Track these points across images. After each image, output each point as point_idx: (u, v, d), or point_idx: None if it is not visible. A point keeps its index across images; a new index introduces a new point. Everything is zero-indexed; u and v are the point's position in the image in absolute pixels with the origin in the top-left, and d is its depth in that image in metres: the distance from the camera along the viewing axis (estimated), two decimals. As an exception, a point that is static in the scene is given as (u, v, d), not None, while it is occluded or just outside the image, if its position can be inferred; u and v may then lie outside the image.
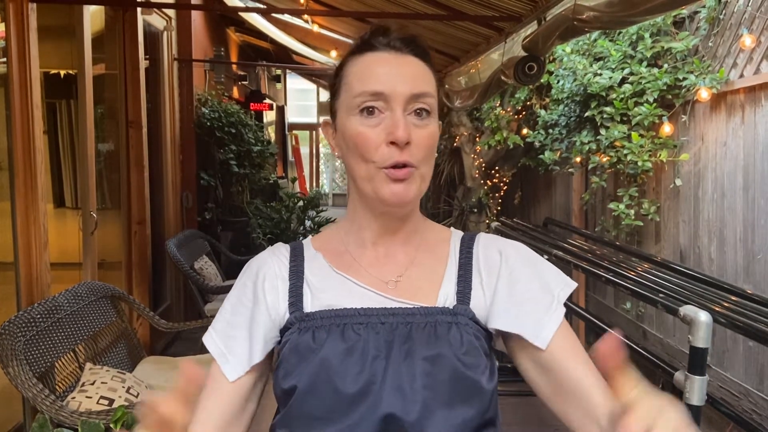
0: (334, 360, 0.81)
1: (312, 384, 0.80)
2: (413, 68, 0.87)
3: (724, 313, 2.11)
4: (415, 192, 0.86)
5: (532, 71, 2.85)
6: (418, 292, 0.87)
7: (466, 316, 0.85)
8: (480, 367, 0.82)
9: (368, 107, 0.84)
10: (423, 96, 0.84)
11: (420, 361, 0.80)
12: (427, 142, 0.85)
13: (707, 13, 3.06)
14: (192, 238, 4.54)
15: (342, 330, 0.83)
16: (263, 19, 6.25)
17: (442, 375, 0.80)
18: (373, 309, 0.85)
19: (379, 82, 0.84)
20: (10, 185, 2.50)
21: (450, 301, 0.86)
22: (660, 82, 3.25)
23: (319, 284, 0.89)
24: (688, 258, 3.26)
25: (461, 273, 0.89)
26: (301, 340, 0.84)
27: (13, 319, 2.14)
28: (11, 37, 2.43)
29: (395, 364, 0.80)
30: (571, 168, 4.22)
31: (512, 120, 5.24)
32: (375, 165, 0.84)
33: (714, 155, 3.04)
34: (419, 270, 0.90)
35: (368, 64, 0.87)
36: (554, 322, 0.84)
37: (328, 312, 0.85)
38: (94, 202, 3.27)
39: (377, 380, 0.79)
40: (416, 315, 0.84)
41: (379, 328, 0.83)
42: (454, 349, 0.81)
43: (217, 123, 5.21)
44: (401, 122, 0.82)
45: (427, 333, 0.83)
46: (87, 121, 3.23)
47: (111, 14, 3.82)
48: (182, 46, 4.97)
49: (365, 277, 0.89)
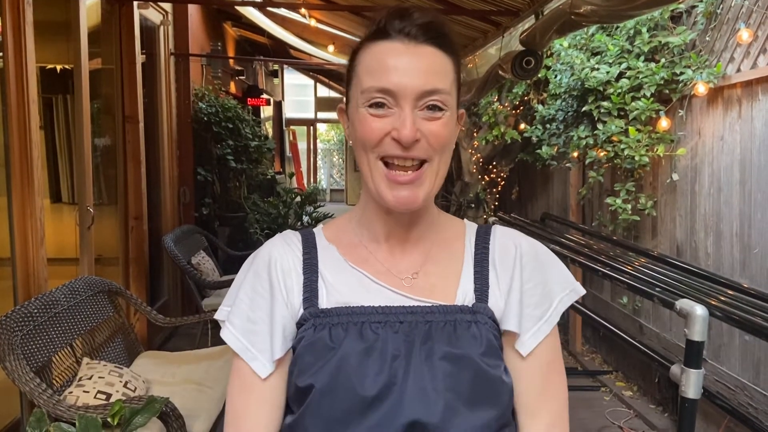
0: (353, 360, 0.78)
1: (330, 384, 0.78)
2: (427, 61, 0.81)
3: (721, 306, 2.12)
4: (425, 194, 0.82)
5: (529, 66, 2.85)
6: (435, 290, 0.85)
7: (486, 315, 0.83)
8: (500, 366, 0.82)
9: (377, 102, 0.80)
10: (434, 93, 0.80)
11: (441, 362, 0.79)
12: (438, 133, 0.80)
13: (704, 8, 3.06)
14: (189, 234, 4.54)
15: (360, 329, 0.81)
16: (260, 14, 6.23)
17: (465, 375, 0.78)
18: (391, 308, 0.83)
19: (389, 78, 0.79)
20: (7, 180, 2.49)
21: (469, 299, 0.85)
22: (657, 76, 3.25)
23: (333, 279, 0.86)
24: (685, 252, 3.27)
25: (477, 270, 0.87)
26: (317, 337, 0.81)
27: (10, 314, 2.14)
28: (7, 31, 2.42)
29: (416, 365, 0.78)
30: (569, 163, 4.22)
31: (510, 115, 5.24)
32: (375, 155, 0.81)
33: (711, 149, 3.05)
34: (435, 267, 0.88)
35: (379, 55, 0.82)
36: (542, 332, 0.84)
37: (345, 309, 0.83)
38: (91, 197, 3.26)
39: (397, 381, 0.78)
40: (435, 313, 0.82)
41: (397, 327, 0.81)
42: (475, 349, 0.80)
43: (215, 118, 5.20)
44: (408, 120, 0.79)
45: (448, 332, 0.81)
46: (83, 116, 3.22)
47: (107, 8, 3.80)
48: (179, 40, 4.96)
49: (381, 273, 0.86)
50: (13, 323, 2.11)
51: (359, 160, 0.84)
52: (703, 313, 1.84)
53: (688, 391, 1.83)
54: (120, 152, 3.94)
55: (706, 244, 3.08)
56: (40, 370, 2.19)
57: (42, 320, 2.29)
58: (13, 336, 2.07)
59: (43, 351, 2.24)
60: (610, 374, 4.04)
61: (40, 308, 2.31)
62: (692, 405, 1.84)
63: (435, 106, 0.80)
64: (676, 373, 1.88)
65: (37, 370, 2.15)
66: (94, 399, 2.23)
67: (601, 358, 4.33)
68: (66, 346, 2.41)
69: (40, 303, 2.33)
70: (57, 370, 2.35)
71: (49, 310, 2.35)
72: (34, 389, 1.99)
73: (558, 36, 2.66)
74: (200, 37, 5.60)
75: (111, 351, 2.73)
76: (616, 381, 3.93)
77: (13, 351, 2.03)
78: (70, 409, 2.00)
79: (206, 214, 5.26)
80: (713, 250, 3.03)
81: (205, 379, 2.65)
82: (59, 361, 2.38)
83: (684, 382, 1.83)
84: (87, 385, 2.28)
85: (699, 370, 1.81)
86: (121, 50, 3.88)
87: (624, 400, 3.65)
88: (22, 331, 2.14)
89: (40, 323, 2.27)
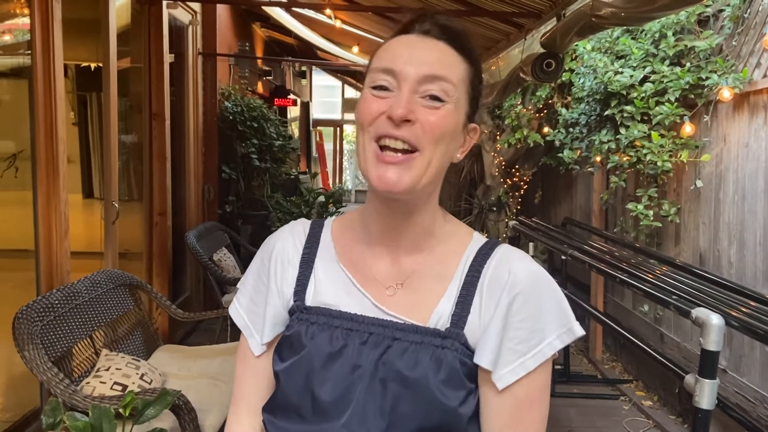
0: (317, 361, 0.82)
1: (293, 379, 0.83)
2: (436, 52, 0.81)
3: (742, 318, 2.07)
4: (411, 181, 0.78)
5: (550, 68, 2.83)
6: (414, 308, 0.84)
7: (457, 341, 0.80)
8: (459, 396, 0.79)
9: (380, 84, 0.80)
10: (436, 79, 0.79)
11: (393, 383, 0.79)
12: (435, 123, 0.79)
13: (732, 12, 3.00)
14: (212, 231, 4.60)
15: (332, 332, 0.83)
16: (287, 15, 6.29)
17: (415, 400, 0.78)
18: (364, 317, 0.83)
19: (394, 60, 0.81)
20: (32, 174, 2.56)
21: (443, 322, 0.82)
22: (682, 81, 3.20)
23: (323, 278, 0.88)
24: (708, 261, 3.21)
25: (463, 293, 0.83)
26: (294, 331, 0.85)
27: (31, 304, 2.19)
28: (36, 27, 2.48)
29: (372, 381, 0.80)
30: (591, 167, 4.17)
31: (533, 118, 5.20)
32: (369, 135, 0.80)
33: (736, 156, 2.98)
34: (420, 282, 0.85)
35: (392, 44, 0.84)
36: (523, 368, 0.79)
37: (324, 310, 0.85)
38: (116, 192, 3.33)
39: (353, 394, 0.80)
40: (405, 332, 0.81)
41: (366, 337, 0.82)
42: (433, 375, 0.78)
43: (240, 117, 5.27)
44: (404, 99, 0.78)
45: (410, 353, 0.80)
46: (111, 113, 3.29)
47: (137, 8, 3.88)
48: (207, 40, 5.03)
49: (367, 279, 0.87)
50: (33, 314, 2.16)
51: (357, 142, 0.84)
52: (718, 322, 1.80)
53: (702, 402, 1.80)
54: (146, 149, 4.01)
55: (730, 253, 3.02)
56: (60, 360, 2.24)
57: (62, 311, 2.34)
58: (33, 326, 2.13)
59: (63, 341, 2.29)
60: (630, 383, 3.98)
61: (61, 299, 2.36)
62: (706, 416, 1.81)
63: (436, 96, 0.79)
64: (691, 383, 1.84)
65: (56, 360, 2.20)
66: (111, 390, 2.27)
67: (621, 367, 4.27)
68: (86, 337, 2.46)
69: (62, 294, 2.38)
70: (76, 360, 2.41)
71: (70, 302, 2.41)
72: (51, 378, 2.04)
73: (578, 38, 2.63)
74: (228, 37, 5.67)
75: (130, 344, 2.78)
76: (636, 390, 3.87)
77: (32, 341, 2.09)
78: (86, 399, 2.04)
79: (230, 212, 5.32)
80: (736, 259, 2.96)
81: (220, 373, 2.68)
82: (79, 352, 2.43)
83: (698, 392, 1.80)
84: (104, 376, 2.33)
85: (713, 381, 1.78)
86: (149, 49, 3.96)
87: (643, 409, 3.59)
88: (43, 321, 2.20)
89: (61, 314, 2.32)
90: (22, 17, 2.63)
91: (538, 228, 4.33)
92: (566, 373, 3.95)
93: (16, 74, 2.94)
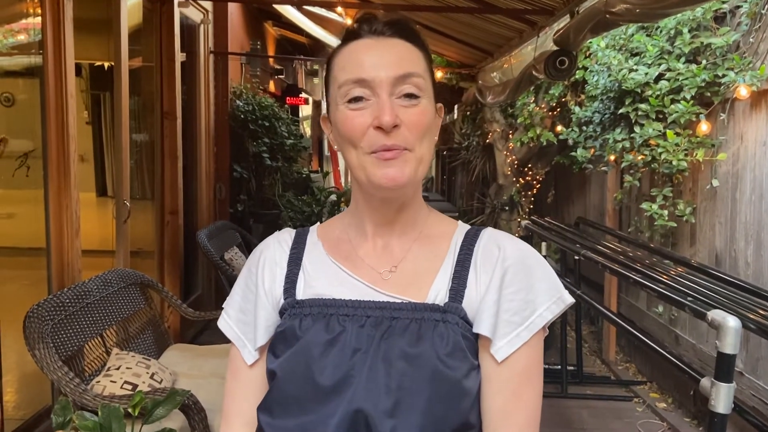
0: (315, 350, 0.81)
1: (291, 371, 0.82)
2: (397, 50, 0.84)
3: (759, 320, 2.03)
4: (410, 174, 0.82)
5: (563, 66, 2.80)
6: (409, 287, 0.86)
7: (457, 315, 0.82)
8: (464, 368, 0.80)
9: (355, 96, 0.82)
10: (409, 77, 0.82)
11: (398, 360, 0.80)
12: (418, 121, 0.82)
13: (749, 8, 2.95)
14: (223, 230, 4.60)
15: (327, 320, 0.83)
16: (299, 14, 6.29)
17: (421, 375, 0.79)
18: (361, 302, 0.84)
19: (362, 68, 0.82)
20: (44, 173, 2.57)
21: (441, 297, 0.84)
22: (698, 78, 3.15)
23: (313, 272, 0.89)
24: (724, 261, 3.16)
25: (458, 269, 0.86)
26: (287, 326, 0.85)
27: (42, 303, 2.20)
28: (47, 26, 2.49)
29: (374, 361, 0.80)
30: (605, 166, 4.12)
31: (546, 116, 5.15)
32: (363, 150, 0.82)
33: (753, 155, 2.93)
34: (414, 264, 0.88)
35: (351, 52, 0.85)
36: (520, 339, 0.82)
37: (317, 301, 0.86)
38: (128, 191, 3.34)
39: (355, 374, 0.80)
40: (403, 310, 0.83)
41: (364, 321, 0.82)
42: (436, 349, 0.79)
43: (251, 116, 5.27)
44: (387, 106, 0.80)
45: (411, 330, 0.81)
46: (122, 112, 3.30)
47: (148, 7, 3.89)
48: (219, 39, 5.04)
49: (360, 268, 0.88)
50: (44, 312, 2.17)
51: (347, 158, 0.85)
52: (735, 324, 1.77)
53: (718, 406, 1.76)
54: (158, 148, 4.02)
55: (746, 254, 2.97)
56: (70, 359, 2.24)
57: (73, 310, 2.34)
58: (44, 325, 2.13)
59: (74, 340, 2.30)
60: (644, 385, 3.93)
61: (72, 298, 2.36)
62: (722, 420, 1.77)
63: (411, 94, 0.82)
64: (706, 387, 1.81)
65: (67, 358, 2.21)
66: (121, 389, 2.27)
67: (635, 368, 4.22)
68: (96, 336, 2.46)
69: (73, 293, 2.39)
70: (87, 359, 2.41)
71: (81, 301, 2.41)
72: (62, 378, 2.04)
73: (592, 35, 2.60)
74: (240, 35, 5.68)
75: (141, 343, 2.79)
76: (650, 392, 3.83)
77: (43, 339, 2.09)
78: (96, 398, 2.04)
79: (241, 211, 5.33)
80: (753, 260, 2.91)
81: (230, 373, 2.68)
82: (90, 351, 2.43)
83: (714, 396, 1.77)
84: (114, 375, 2.33)
85: (730, 384, 1.75)
86: (161, 48, 3.97)
87: (657, 412, 3.55)
88: (54, 320, 2.20)
89: (72, 313, 2.33)
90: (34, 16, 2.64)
91: (551, 228, 4.29)
92: (579, 374, 3.91)
93: (28, 73, 2.95)
